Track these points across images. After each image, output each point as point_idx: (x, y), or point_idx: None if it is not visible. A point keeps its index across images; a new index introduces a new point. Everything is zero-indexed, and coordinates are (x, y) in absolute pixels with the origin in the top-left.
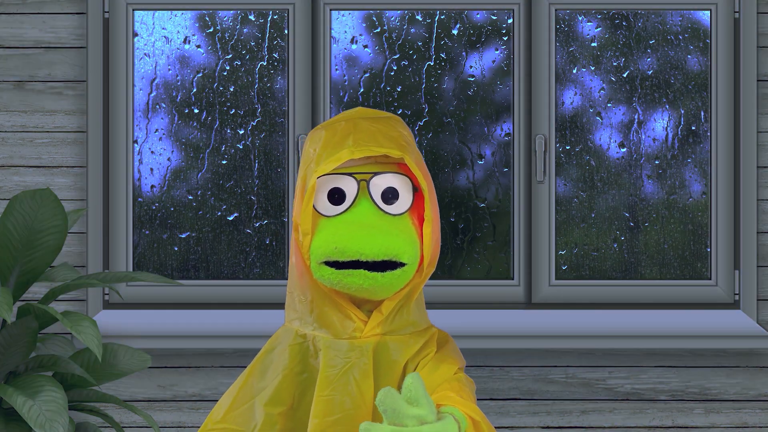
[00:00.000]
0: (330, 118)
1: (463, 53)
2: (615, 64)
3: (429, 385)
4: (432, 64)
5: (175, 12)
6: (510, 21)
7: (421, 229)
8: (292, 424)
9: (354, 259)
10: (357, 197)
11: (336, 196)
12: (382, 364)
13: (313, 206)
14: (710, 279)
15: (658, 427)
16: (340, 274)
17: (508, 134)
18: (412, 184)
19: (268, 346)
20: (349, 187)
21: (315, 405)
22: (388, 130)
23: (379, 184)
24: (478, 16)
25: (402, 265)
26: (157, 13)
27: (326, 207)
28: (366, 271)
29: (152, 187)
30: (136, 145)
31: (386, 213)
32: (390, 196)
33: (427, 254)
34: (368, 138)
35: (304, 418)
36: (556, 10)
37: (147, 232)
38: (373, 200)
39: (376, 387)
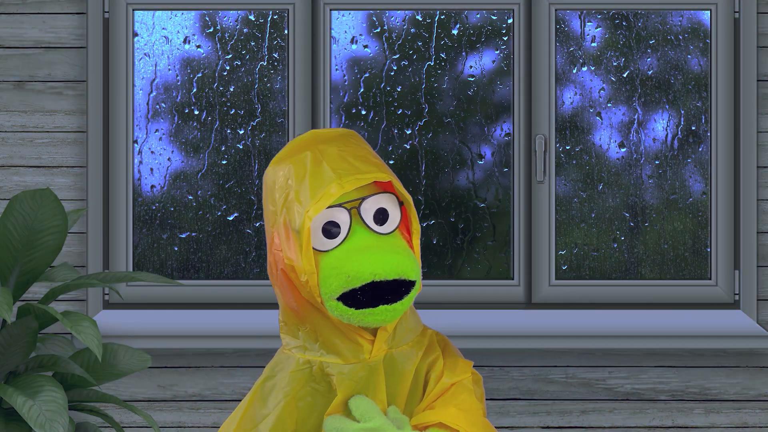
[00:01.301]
0: (329, 118)
1: (463, 53)
2: (615, 64)
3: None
4: (432, 64)
5: (175, 12)
6: (510, 21)
7: (410, 241)
8: None
9: (368, 281)
10: (351, 226)
11: (330, 230)
12: (392, 377)
13: None
14: (710, 279)
15: (658, 427)
16: (361, 314)
17: (508, 134)
18: (396, 198)
19: (268, 373)
20: (342, 217)
21: None
22: (354, 150)
23: (368, 207)
24: (478, 16)
25: (411, 284)
26: (157, 13)
27: (323, 242)
28: (386, 305)
29: (152, 187)
30: (136, 145)
31: (380, 234)
32: (381, 216)
33: (418, 263)
34: (344, 165)
35: None
36: (556, 10)
37: (147, 232)
38: (366, 225)
39: (389, 401)
